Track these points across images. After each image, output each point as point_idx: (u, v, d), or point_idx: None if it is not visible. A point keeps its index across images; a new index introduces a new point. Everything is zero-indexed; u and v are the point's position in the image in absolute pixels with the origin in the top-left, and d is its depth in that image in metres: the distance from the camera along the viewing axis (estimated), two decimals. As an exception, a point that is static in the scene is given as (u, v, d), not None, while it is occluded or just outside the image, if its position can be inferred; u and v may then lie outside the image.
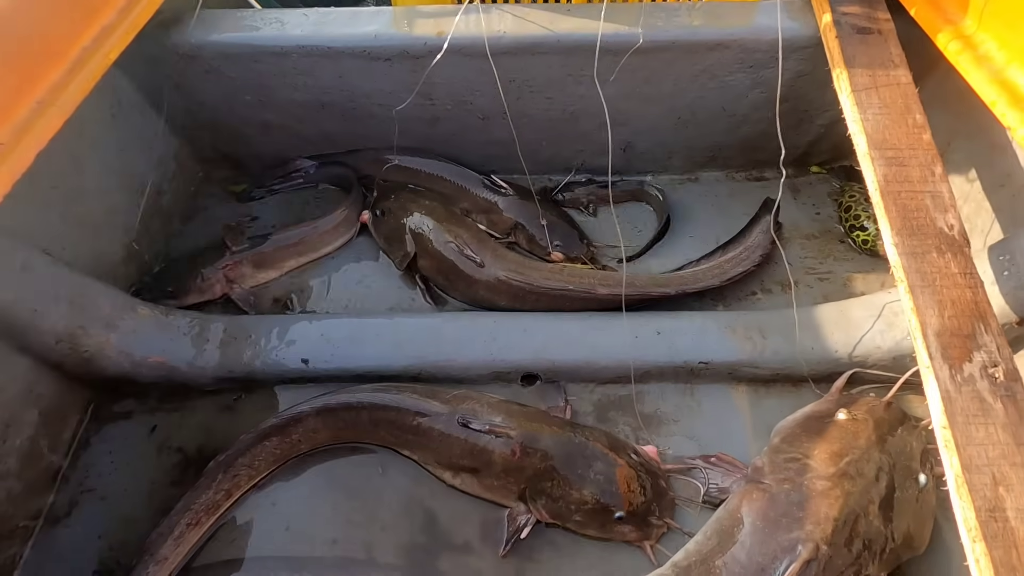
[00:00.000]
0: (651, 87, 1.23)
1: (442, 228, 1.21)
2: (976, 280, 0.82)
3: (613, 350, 1.09)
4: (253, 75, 1.18)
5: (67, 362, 0.99)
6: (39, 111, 0.83)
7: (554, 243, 1.22)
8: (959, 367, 0.76)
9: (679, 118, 1.30)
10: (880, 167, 0.91)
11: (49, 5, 0.87)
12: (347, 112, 1.27)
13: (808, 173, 1.46)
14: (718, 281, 1.19)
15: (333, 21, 1.15)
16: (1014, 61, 0.89)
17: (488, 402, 1.00)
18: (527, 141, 1.29)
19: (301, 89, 1.22)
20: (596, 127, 1.23)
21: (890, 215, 0.87)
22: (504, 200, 1.30)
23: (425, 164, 1.35)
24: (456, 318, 1.16)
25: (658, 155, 1.41)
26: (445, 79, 1.18)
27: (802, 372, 1.08)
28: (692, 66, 1.19)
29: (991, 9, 0.93)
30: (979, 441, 0.71)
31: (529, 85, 1.21)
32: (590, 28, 1.11)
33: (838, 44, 1.04)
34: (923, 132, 0.94)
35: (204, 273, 1.18)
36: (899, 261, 0.83)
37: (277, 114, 1.28)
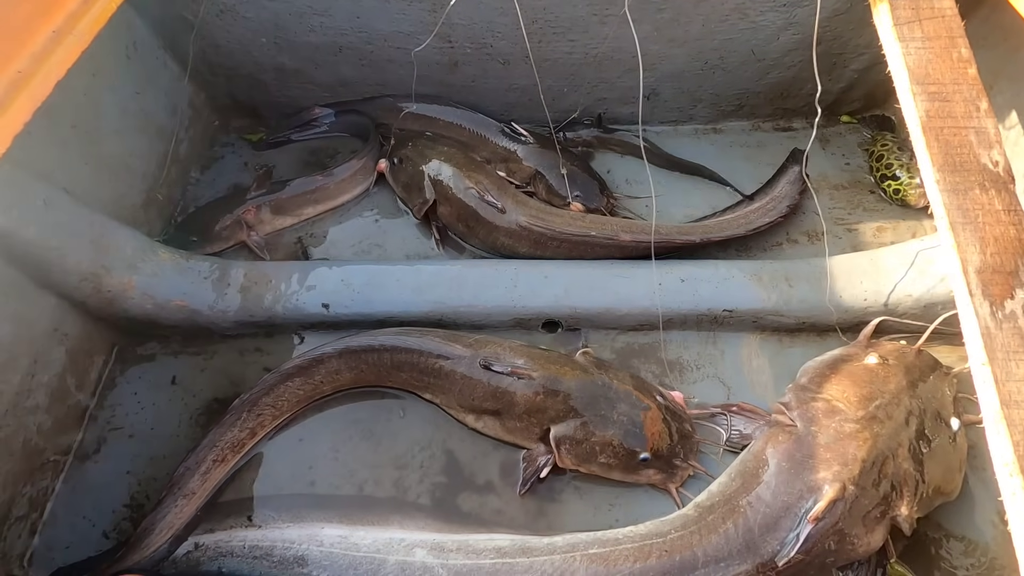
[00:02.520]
0: (679, 28, 1.18)
1: (462, 175, 1.18)
2: (1021, 217, 0.78)
3: (636, 297, 1.07)
4: (268, 15, 1.15)
5: (90, 302, 0.99)
6: (56, 40, 0.82)
7: (574, 193, 1.20)
8: (1000, 304, 0.73)
9: (706, 63, 1.26)
10: (922, 102, 0.87)
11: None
12: (364, 55, 1.24)
13: (838, 123, 1.41)
14: (743, 231, 1.17)
15: (351, -43, 1.12)
16: (1071, -13, 0.84)
17: (510, 346, 0.99)
18: (548, 87, 1.25)
19: (317, 31, 1.19)
20: (621, 73, 1.19)
21: (932, 151, 0.83)
22: (524, 148, 1.27)
23: (443, 112, 1.32)
24: (477, 264, 1.15)
25: (683, 103, 1.37)
26: (465, 20, 1.15)
27: (830, 320, 1.06)
28: (722, 4, 1.14)
29: (1048, -66, 0.88)
30: (1019, 377, 0.69)
31: (552, 26, 1.17)
32: (617, -38, 1.07)
33: (880, -25, 0.99)
34: (968, 66, 0.90)
35: (224, 219, 1.17)
36: (940, 198, 0.80)
37: (293, 58, 1.25)
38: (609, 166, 1.34)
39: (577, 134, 1.34)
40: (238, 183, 1.31)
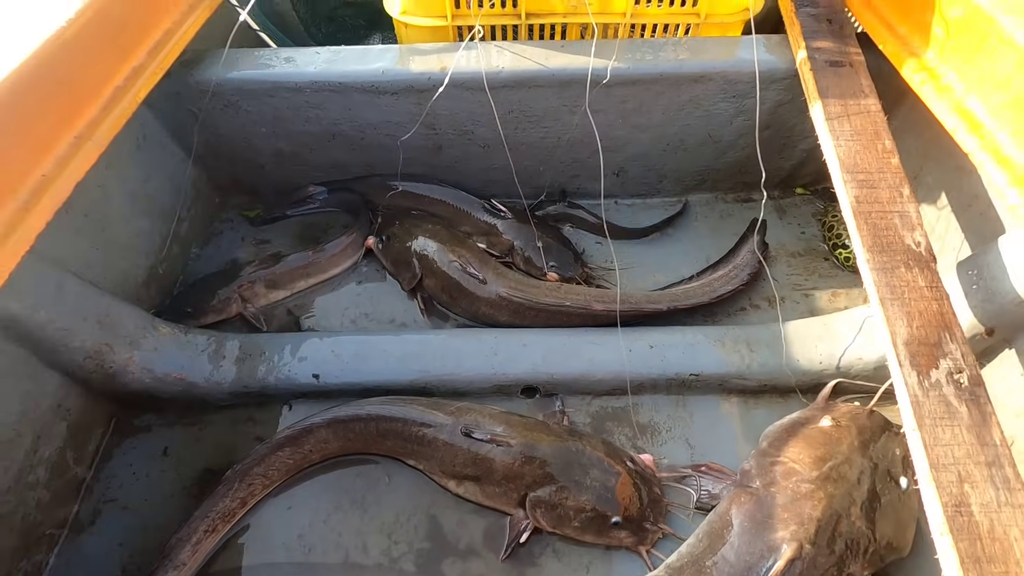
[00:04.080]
0: (641, 116, 1.31)
1: (446, 249, 1.28)
2: (942, 293, 0.88)
3: (608, 363, 1.14)
4: (269, 109, 1.27)
5: (93, 378, 1.05)
6: (77, 145, 0.91)
7: (550, 264, 1.29)
8: (927, 373, 0.81)
9: (668, 144, 1.38)
10: (852, 189, 0.98)
11: (87, 49, 0.96)
12: (355, 142, 1.35)
13: (793, 194, 1.53)
14: (707, 298, 1.26)
15: (343, 59, 1.24)
16: (972, 91, 0.96)
17: (490, 413, 1.05)
18: (525, 167, 1.37)
19: (313, 121, 1.30)
20: (590, 154, 1.31)
21: (862, 233, 0.93)
22: (503, 223, 1.37)
23: (428, 190, 1.43)
24: (459, 334, 1.22)
25: (650, 179, 1.48)
26: (447, 111, 1.26)
27: (789, 383, 1.14)
28: (678, 96, 1.27)
29: (951, 44, 1.01)
30: (945, 442, 0.76)
31: (526, 115, 1.29)
32: (582, 63, 1.20)
33: (812, 76, 1.13)
34: (891, 156, 1.02)
35: (220, 294, 1.25)
36: (871, 276, 0.90)
37: (290, 144, 1.36)
38: (579, 237, 1.44)
39: (546, 212, 1.44)
40: (235, 257, 1.39)
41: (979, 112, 0.94)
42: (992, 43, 0.92)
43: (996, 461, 0.74)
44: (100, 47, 0.98)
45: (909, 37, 1.10)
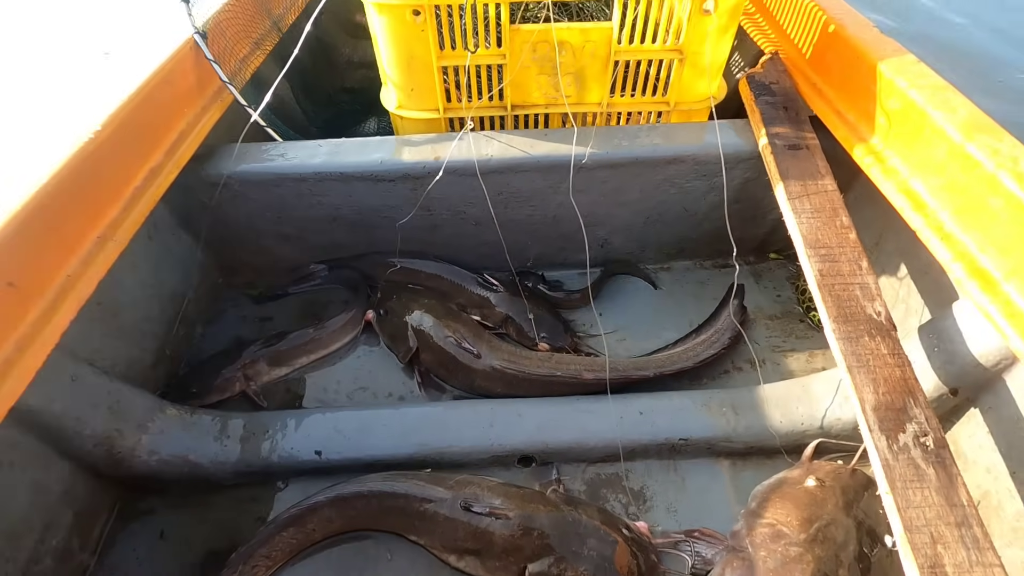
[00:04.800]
0: (621, 195, 1.41)
1: (441, 324, 1.34)
2: (904, 359, 0.95)
3: (600, 431, 1.19)
4: (274, 197, 1.36)
5: (101, 463, 1.08)
6: (100, 244, 0.99)
7: (540, 335, 1.36)
8: (895, 437, 0.87)
9: (648, 218, 1.48)
10: (815, 263, 1.07)
11: (111, 157, 1.05)
12: (355, 224, 1.44)
13: (767, 259, 1.63)
14: (692, 363, 1.32)
15: (345, 150, 1.34)
16: (914, 174, 1.07)
17: (488, 485, 1.09)
18: (515, 243, 1.46)
19: (316, 207, 1.39)
20: (575, 229, 1.40)
21: (827, 305, 1.01)
22: (495, 296, 1.44)
23: (425, 265, 1.51)
24: (456, 406, 1.27)
25: (632, 249, 1.58)
26: (442, 195, 1.36)
27: (774, 444, 1.19)
28: (654, 176, 1.38)
29: (893, 131, 1.13)
30: (917, 504, 0.81)
31: (515, 197, 1.39)
32: (564, 150, 1.31)
33: (773, 159, 1.24)
34: (849, 232, 1.11)
35: (225, 373, 1.29)
36: (837, 345, 0.97)
37: (294, 227, 1.44)
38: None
39: (523, 276, 1.52)
40: (240, 335, 1.44)
41: (922, 192, 1.05)
42: (927, 133, 1.04)
43: (965, 521, 0.79)
44: (122, 154, 1.07)
45: (857, 123, 1.22)
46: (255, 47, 1.54)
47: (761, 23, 1.63)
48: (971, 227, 0.95)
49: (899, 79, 1.10)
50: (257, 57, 1.53)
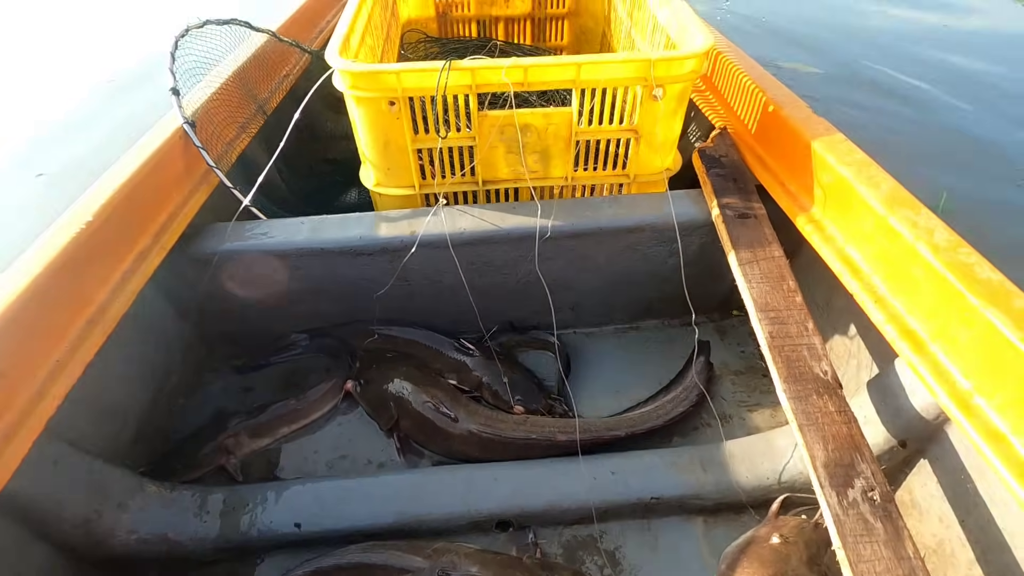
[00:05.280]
0: (587, 261, 1.50)
1: (419, 390, 1.39)
2: (850, 416, 1.01)
3: (575, 493, 1.23)
4: (259, 273, 1.42)
5: (80, 546, 1.08)
6: (88, 329, 1.03)
7: (516, 397, 1.41)
8: (844, 493, 0.93)
9: (614, 282, 1.57)
10: (766, 326, 1.15)
11: (102, 243, 1.11)
12: (336, 295, 1.50)
13: (731, 315, 1.71)
14: (662, 421, 1.38)
15: (326, 227, 1.42)
16: (849, 242, 1.17)
17: (465, 552, 1.11)
18: (489, 308, 1.52)
19: (297, 280, 1.45)
20: (545, 294, 1.47)
21: (777, 365, 1.09)
22: (472, 360, 1.50)
23: (403, 332, 1.56)
24: (434, 472, 1.30)
25: (602, 311, 1.65)
26: (418, 266, 1.43)
27: (741, 500, 1.23)
28: (617, 244, 1.47)
29: (829, 202, 1.24)
30: (867, 558, 0.86)
31: (487, 265, 1.47)
32: (531, 222, 1.40)
33: (724, 228, 1.34)
34: (796, 295, 1.20)
35: (206, 447, 1.31)
36: (788, 404, 1.03)
37: (276, 300, 1.49)
38: (534, 366, 1.57)
39: (499, 342, 1.58)
40: (221, 407, 1.47)
41: (857, 259, 1.15)
42: (856, 206, 1.14)
43: (912, 574, 0.84)
44: (112, 241, 1.14)
45: (798, 194, 1.34)
46: (241, 130, 1.64)
47: (712, 100, 1.78)
48: (899, 292, 1.04)
49: (829, 156, 1.22)
50: (243, 140, 1.63)
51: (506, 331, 1.61)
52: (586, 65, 1.27)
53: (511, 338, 1.60)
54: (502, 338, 1.60)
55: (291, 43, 1.93)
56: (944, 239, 0.98)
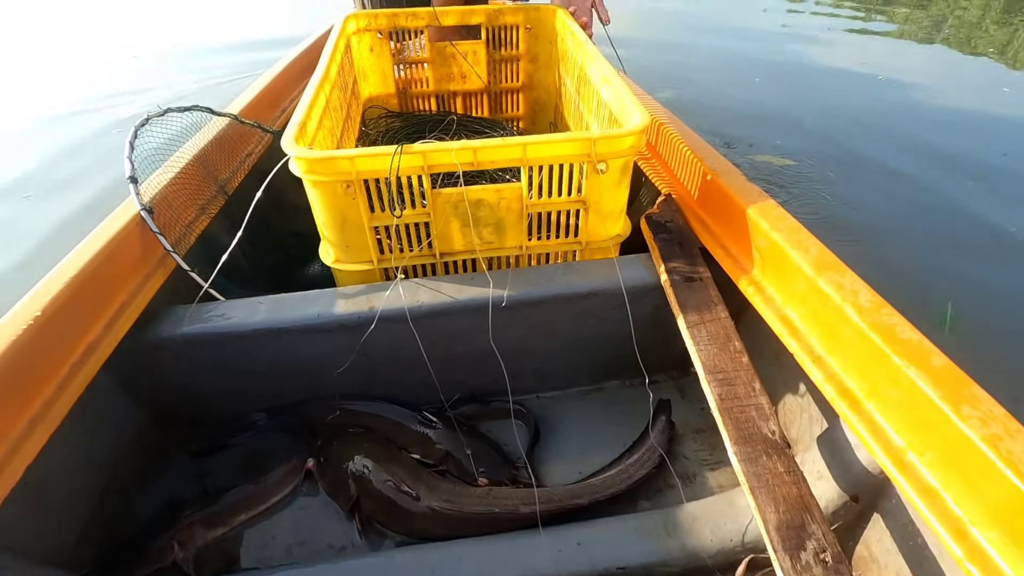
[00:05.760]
0: (545, 327, 1.53)
1: (380, 468, 1.37)
2: (799, 476, 1.04)
3: (541, 567, 1.20)
4: (215, 356, 1.41)
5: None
6: (31, 427, 1.01)
7: (479, 470, 1.40)
8: (797, 556, 0.94)
9: (573, 346, 1.60)
10: (715, 388, 1.18)
11: (48, 337, 1.10)
12: (296, 373, 1.49)
13: (689, 373, 1.75)
14: (625, 485, 1.38)
15: (284, 306, 1.43)
16: (787, 303, 1.24)
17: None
18: (451, 378, 1.53)
19: (257, 360, 1.44)
20: (504, 362, 1.49)
21: (727, 428, 1.11)
22: (434, 432, 1.49)
23: (364, 407, 1.55)
24: (397, 554, 1.26)
25: (564, 374, 1.68)
26: (378, 340, 1.44)
27: (707, 564, 1.22)
28: (573, 310, 1.51)
29: (767, 264, 1.31)
30: (823, 623, 0.86)
31: (447, 337, 1.49)
32: (487, 293, 1.44)
33: (672, 291, 1.40)
34: (742, 356, 1.24)
35: (157, 543, 1.26)
36: (739, 467, 1.06)
37: (234, 382, 1.48)
38: (498, 435, 1.57)
39: (460, 411, 1.58)
40: (175, 496, 1.42)
41: (795, 319, 1.20)
42: (789, 269, 1.21)
43: (866, 637, 0.84)
44: (61, 335, 1.13)
45: (739, 257, 1.41)
46: (201, 212, 1.67)
47: (657, 167, 1.88)
48: (834, 352, 1.09)
49: (763, 222, 1.30)
50: (203, 221, 1.65)
51: (469, 400, 1.61)
52: (531, 145, 1.35)
53: (475, 408, 1.60)
54: (466, 408, 1.60)
55: (253, 124, 2.00)
56: (867, 300, 1.05)
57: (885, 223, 2.84)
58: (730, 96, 4.42)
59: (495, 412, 1.62)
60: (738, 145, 3.57)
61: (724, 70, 5.08)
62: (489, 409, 1.61)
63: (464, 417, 1.57)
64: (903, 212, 2.95)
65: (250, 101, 2.16)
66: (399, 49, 2.44)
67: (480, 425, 1.59)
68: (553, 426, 1.61)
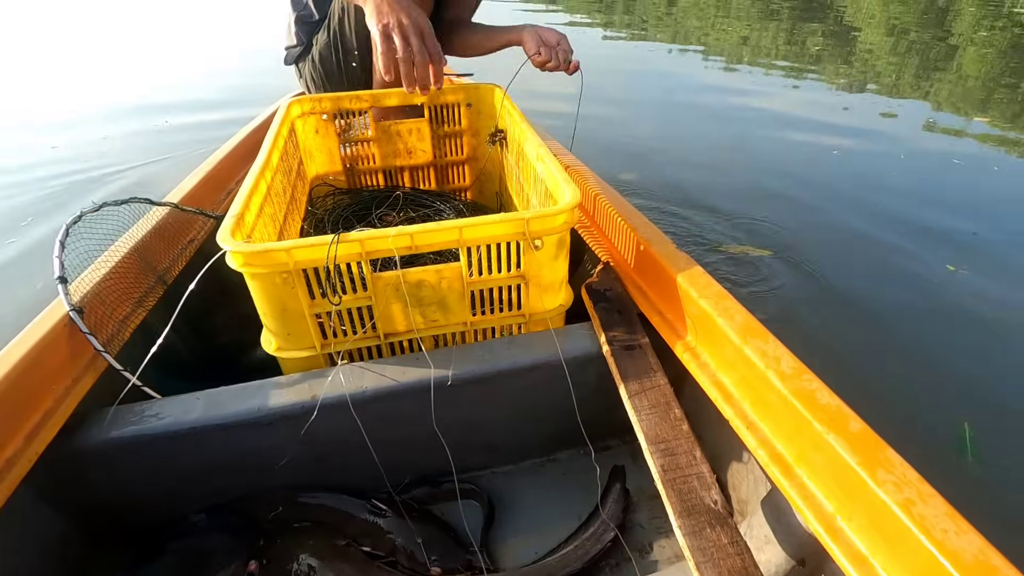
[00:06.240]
0: (493, 402, 1.53)
1: (327, 567, 1.31)
2: (742, 547, 1.05)
3: (496, 663, 1.16)
4: (149, 458, 1.35)
5: None
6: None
7: (431, 558, 1.36)
8: (745, 633, 0.93)
9: (523, 419, 1.60)
10: (658, 459, 1.20)
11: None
12: (237, 469, 1.44)
13: (642, 437, 1.76)
14: (582, 563, 1.36)
15: (222, 400, 1.39)
16: (719, 369, 1.28)
17: None
18: (399, 462, 1.51)
19: (194, 459, 1.39)
20: (452, 442, 1.48)
21: (671, 501, 1.12)
22: (384, 521, 1.44)
23: (310, 498, 1.50)
24: (345, 662, 1.20)
25: (517, 448, 1.67)
26: (322, 429, 1.41)
27: (667, 644, 1.20)
28: (519, 383, 1.52)
29: (700, 331, 1.36)
30: None
31: (393, 421, 1.47)
32: (431, 374, 1.44)
33: (613, 360, 1.43)
34: (683, 423, 1.27)
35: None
36: (684, 540, 1.06)
37: (170, 483, 1.41)
38: (452, 517, 1.54)
39: (411, 495, 1.55)
40: (103, 616, 1.31)
41: (728, 385, 1.24)
42: (718, 335, 1.26)
43: None
44: (-26, 454, 1.06)
45: (675, 323, 1.46)
46: (137, 305, 1.64)
47: (597, 236, 1.96)
48: (764, 417, 1.13)
49: (692, 289, 1.36)
50: (139, 315, 1.61)
51: (421, 483, 1.58)
52: (467, 227, 1.39)
53: (426, 490, 1.57)
54: (417, 491, 1.56)
55: (194, 211, 1.99)
56: (789, 366, 1.10)
57: (878, 327, 2.41)
58: (693, 178, 4.03)
59: (448, 493, 1.59)
60: (706, 232, 3.21)
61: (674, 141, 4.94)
62: (441, 491, 1.57)
63: (416, 501, 1.53)
64: (893, 316, 2.49)
65: (194, 186, 2.16)
66: (345, 127, 2.51)
67: (433, 508, 1.56)
68: (508, 502, 1.59)
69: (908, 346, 2.27)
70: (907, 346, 2.27)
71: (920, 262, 2.83)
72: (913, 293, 2.60)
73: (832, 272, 2.75)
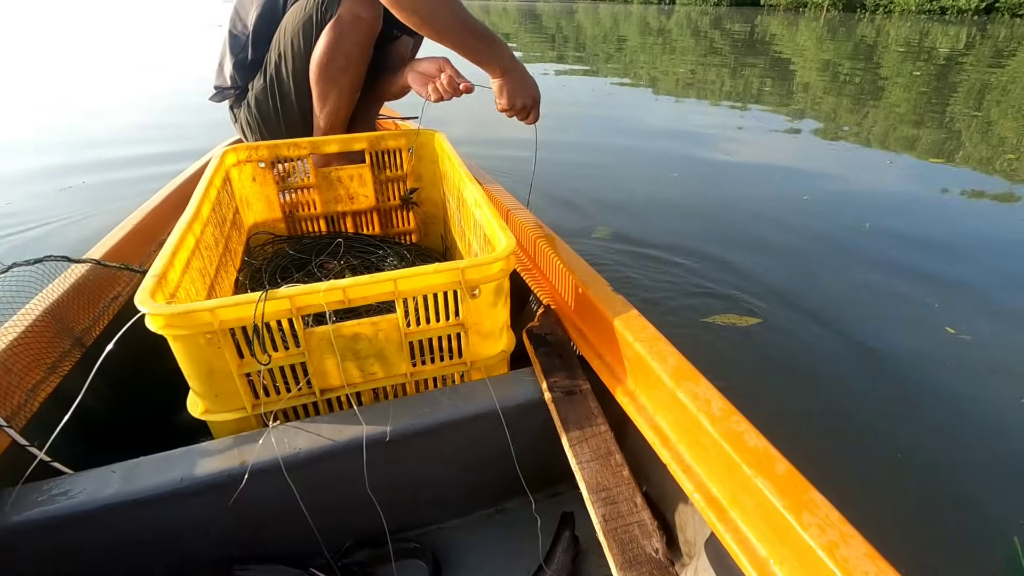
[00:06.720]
0: (438, 455, 1.50)
1: (258, 648, 1.22)
2: (684, 597, 1.04)
3: None
4: (59, 541, 1.24)
5: None
6: None
7: (373, 630, 1.29)
8: None
9: (468, 470, 1.56)
10: (599, 509, 1.19)
11: None
12: (161, 547, 1.34)
13: (590, 480, 1.75)
14: (531, 621, 1.32)
15: (141, 472, 1.30)
16: (656, 411, 1.29)
17: None
18: (339, 525, 1.44)
19: (110, 539, 1.28)
20: (396, 499, 1.43)
21: (613, 552, 1.11)
22: (324, 591, 1.37)
23: (243, 571, 1.40)
24: None
25: (463, 500, 1.62)
26: (254, 495, 1.33)
27: None
28: (463, 433, 1.49)
29: (637, 374, 1.37)
30: None
31: (329, 482, 1.41)
32: (369, 430, 1.39)
33: (554, 406, 1.42)
34: (623, 469, 1.27)
35: None
36: (627, 595, 1.05)
37: (86, 567, 1.30)
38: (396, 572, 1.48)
39: (353, 558, 1.48)
40: None
41: (665, 428, 1.26)
42: (652, 378, 1.28)
43: None
44: None
45: (613, 366, 1.47)
46: (50, 371, 1.53)
47: (538, 278, 1.97)
48: (699, 460, 1.14)
49: (627, 332, 1.38)
50: (51, 382, 1.51)
51: (362, 546, 1.51)
52: (402, 279, 1.38)
53: (368, 553, 1.50)
54: (359, 554, 1.49)
55: (119, 267, 1.90)
56: (719, 408, 1.12)
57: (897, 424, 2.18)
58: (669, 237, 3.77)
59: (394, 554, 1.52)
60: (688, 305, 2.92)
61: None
62: (383, 553, 1.51)
63: (358, 565, 1.46)
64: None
65: (119, 240, 2.07)
66: (284, 174, 2.47)
67: (377, 571, 1.49)
68: (454, 559, 1.53)
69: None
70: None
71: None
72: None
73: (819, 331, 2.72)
